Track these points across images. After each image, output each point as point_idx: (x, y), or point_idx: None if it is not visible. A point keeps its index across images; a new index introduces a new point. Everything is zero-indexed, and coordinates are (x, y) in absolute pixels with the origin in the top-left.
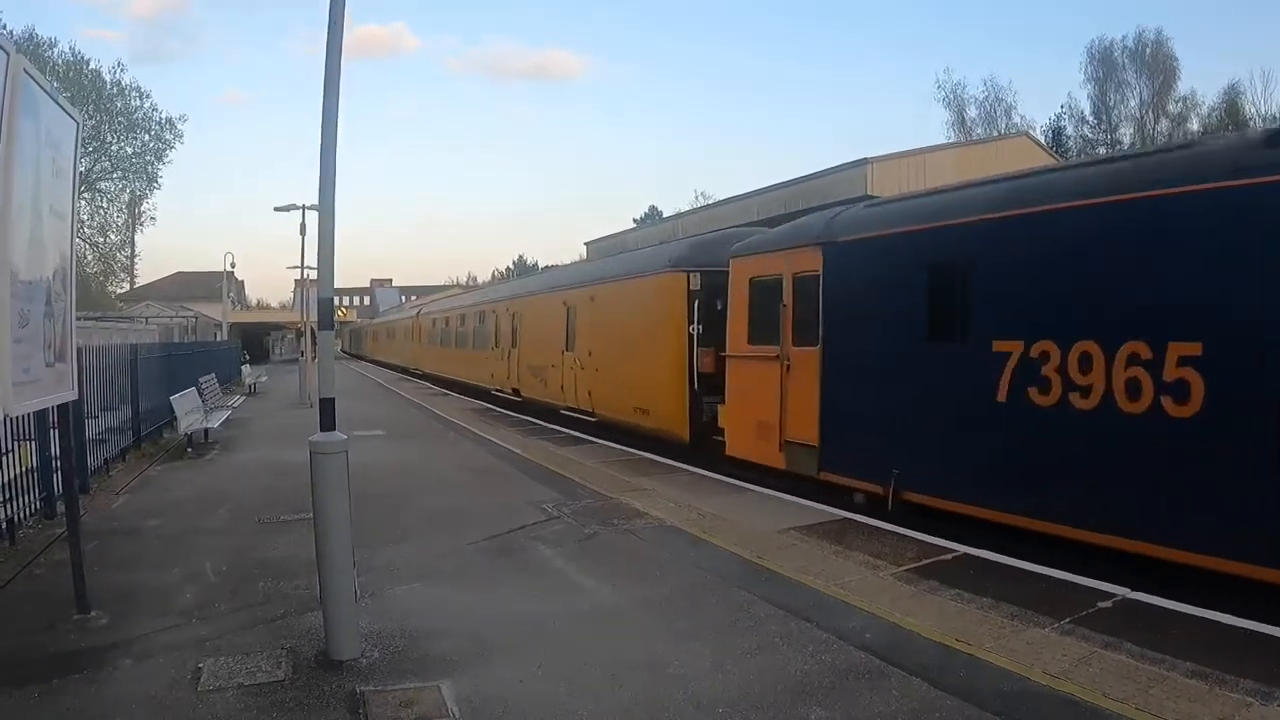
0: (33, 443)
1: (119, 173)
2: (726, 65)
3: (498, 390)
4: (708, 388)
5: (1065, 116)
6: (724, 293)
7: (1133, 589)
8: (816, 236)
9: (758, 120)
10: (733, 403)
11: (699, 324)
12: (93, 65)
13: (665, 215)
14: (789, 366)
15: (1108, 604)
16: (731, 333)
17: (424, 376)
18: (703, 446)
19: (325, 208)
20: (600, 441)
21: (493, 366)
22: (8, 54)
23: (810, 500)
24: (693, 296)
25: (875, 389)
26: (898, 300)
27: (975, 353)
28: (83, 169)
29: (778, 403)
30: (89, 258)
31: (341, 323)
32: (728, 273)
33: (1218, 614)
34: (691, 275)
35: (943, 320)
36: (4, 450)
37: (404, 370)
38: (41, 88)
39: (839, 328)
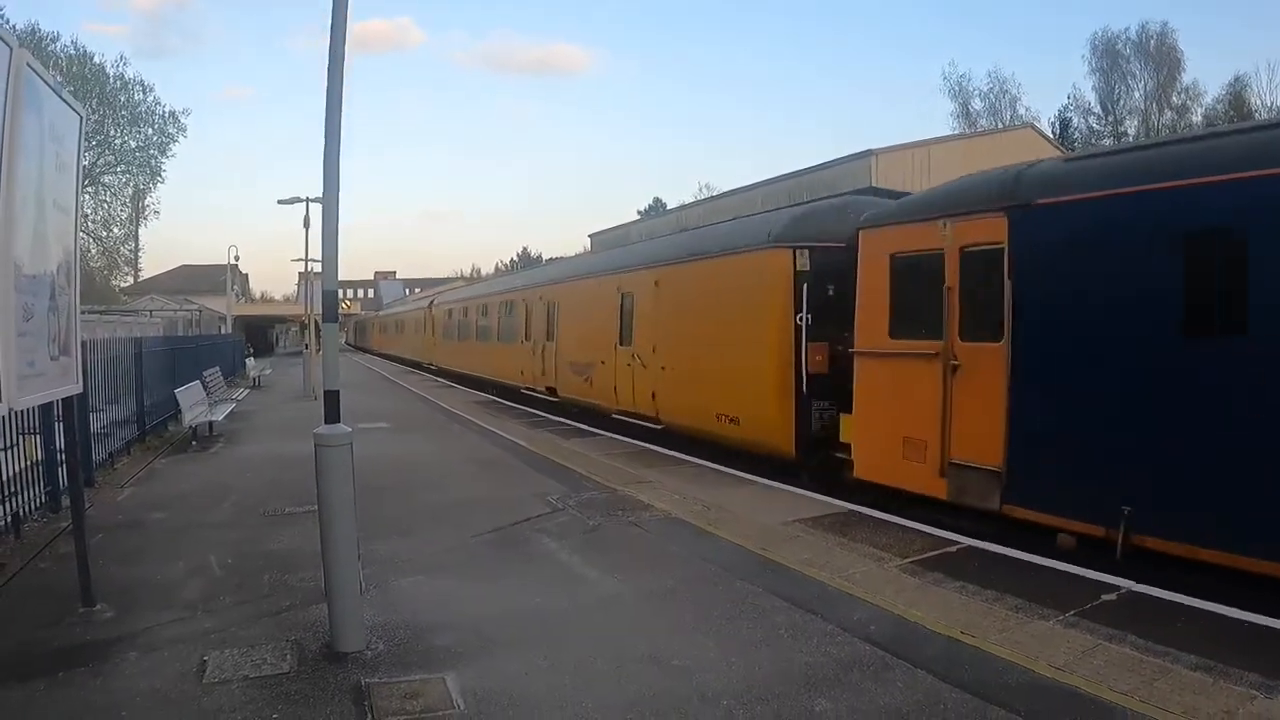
0: (38, 436)
1: (122, 166)
2: (730, 59)
3: (528, 389)
4: (818, 391)
5: (1071, 108)
6: (837, 274)
7: (1137, 582)
8: (998, 200)
9: (761, 113)
10: (865, 411)
11: (807, 312)
12: (96, 60)
13: (669, 207)
14: (956, 367)
15: (1112, 596)
16: (862, 323)
17: (439, 373)
18: (811, 463)
19: (329, 201)
20: (605, 434)
21: (522, 362)
22: (11, 48)
23: (815, 492)
24: (800, 279)
25: (1098, 398)
26: (1136, 282)
27: (1263, 351)
28: (86, 163)
29: (938, 414)
30: (93, 251)
31: (345, 315)
32: (843, 249)
33: (1223, 607)
34: (799, 252)
35: (1210, 307)
36: (9, 444)
37: (415, 365)
38: (45, 82)
39: (1038, 318)
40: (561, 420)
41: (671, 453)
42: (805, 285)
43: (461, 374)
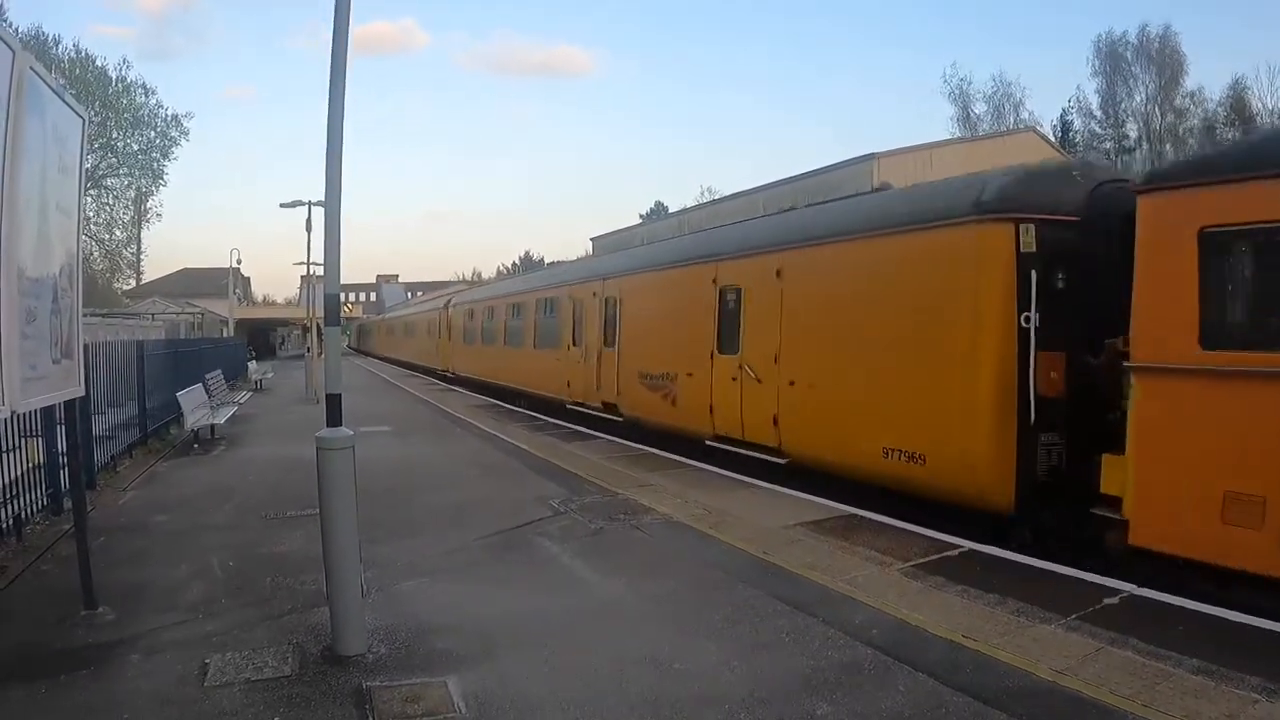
0: (40, 439)
1: (125, 169)
2: (731, 61)
3: (576, 405)
4: (1046, 420)
5: (1072, 111)
6: (1067, 257)
7: (1139, 586)
8: None
9: (763, 115)
10: (1153, 452)
11: (1035, 312)
12: (99, 62)
13: (671, 211)
14: None
15: (1114, 600)
16: (1148, 327)
17: (458, 381)
18: (1037, 520)
19: (331, 204)
20: (607, 437)
21: (568, 372)
22: (14, 51)
23: (817, 496)
24: (1025, 263)
25: None
26: None
27: None
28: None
29: None
30: (95, 254)
31: (347, 318)
32: (1076, 223)
33: (1224, 611)
34: (1023, 227)
35: None
36: (11, 447)
37: (427, 372)
38: (48, 85)
39: None
40: (563, 424)
41: (673, 456)
42: (1034, 273)
43: (486, 384)
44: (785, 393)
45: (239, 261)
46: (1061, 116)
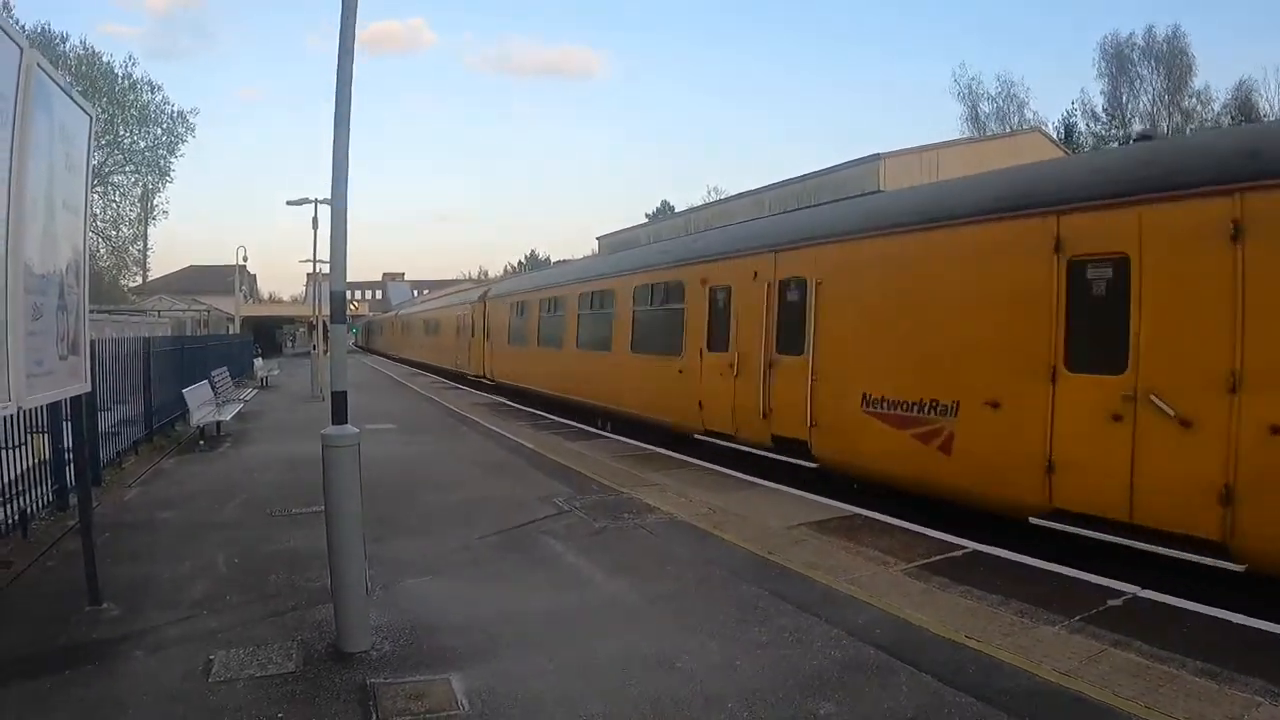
0: (46, 435)
1: (131, 166)
2: (735, 61)
3: (715, 435)
4: None
5: (1077, 112)
6: None
7: (1143, 587)
8: None
9: (768, 115)
10: None
11: None
12: (105, 60)
13: (678, 210)
14: None
15: (1118, 602)
16: None
17: (499, 390)
18: None
19: (338, 202)
20: (611, 436)
21: (700, 388)
22: (21, 49)
23: (821, 496)
24: None
25: None
26: None
27: None
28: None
29: None
30: (101, 251)
31: (354, 316)
32: None
33: (1228, 613)
34: None
35: None
36: (18, 443)
37: (455, 377)
38: (55, 82)
39: None
40: (567, 423)
41: (677, 455)
42: None
43: (544, 396)
44: (1246, 444)
45: (245, 259)
46: (1065, 118)
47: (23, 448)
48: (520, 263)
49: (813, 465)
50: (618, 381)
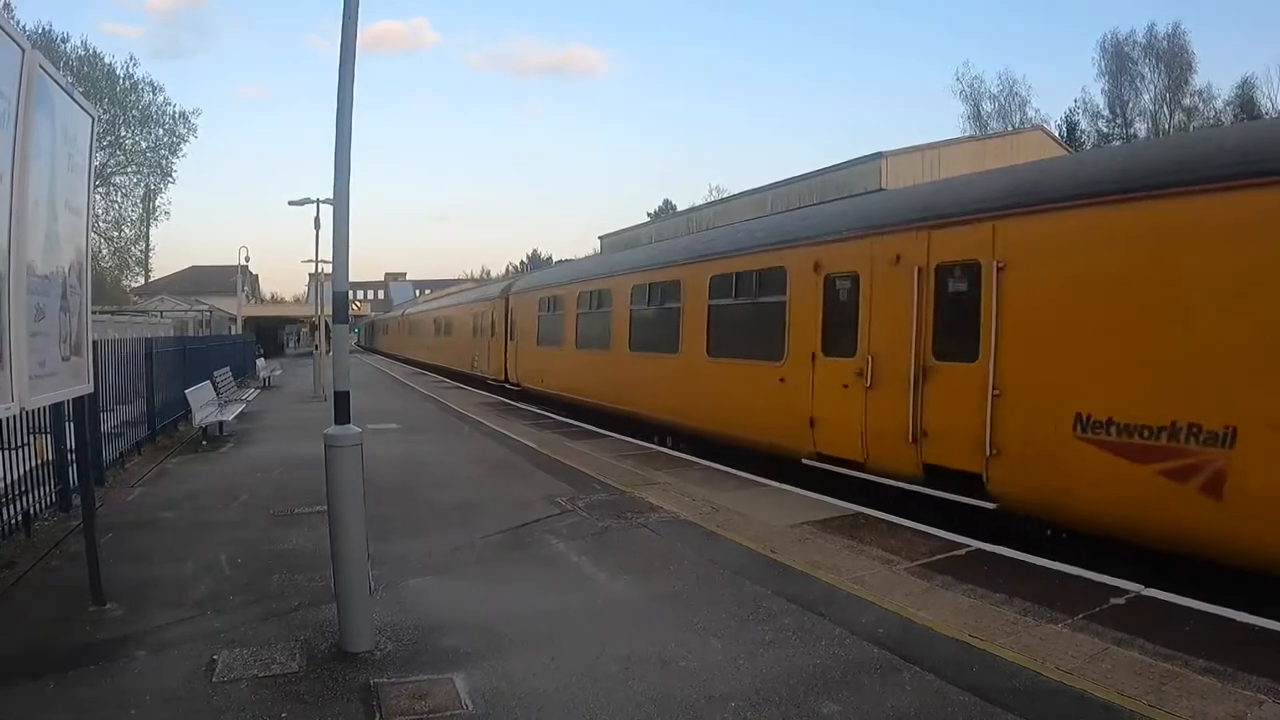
0: (49, 436)
1: (133, 167)
2: (738, 62)
3: (826, 461)
4: None
5: (1079, 111)
6: None
7: (1146, 585)
8: None
9: (769, 117)
10: None
11: None
12: (106, 60)
13: (680, 209)
14: None
15: (1121, 600)
16: None
17: (526, 396)
18: None
19: (340, 202)
20: (614, 435)
21: (799, 397)
22: (23, 50)
23: (824, 495)
24: None
25: None
26: None
27: None
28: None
29: None
30: (104, 252)
31: (356, 316)
32: None
33: (1231, 611)
34: None
35: None
36: (21, 443)
37: (471, 381)
38: (57, 83)
39: None
40: (570, 422)
41: (680, 455)
42: None
43: (578, 403)
44: None
45: (247, 259)
46: (1067, 117)
47: (26, 448)
48: (523, 262)
49: (989, 505)
50: (689, 392)
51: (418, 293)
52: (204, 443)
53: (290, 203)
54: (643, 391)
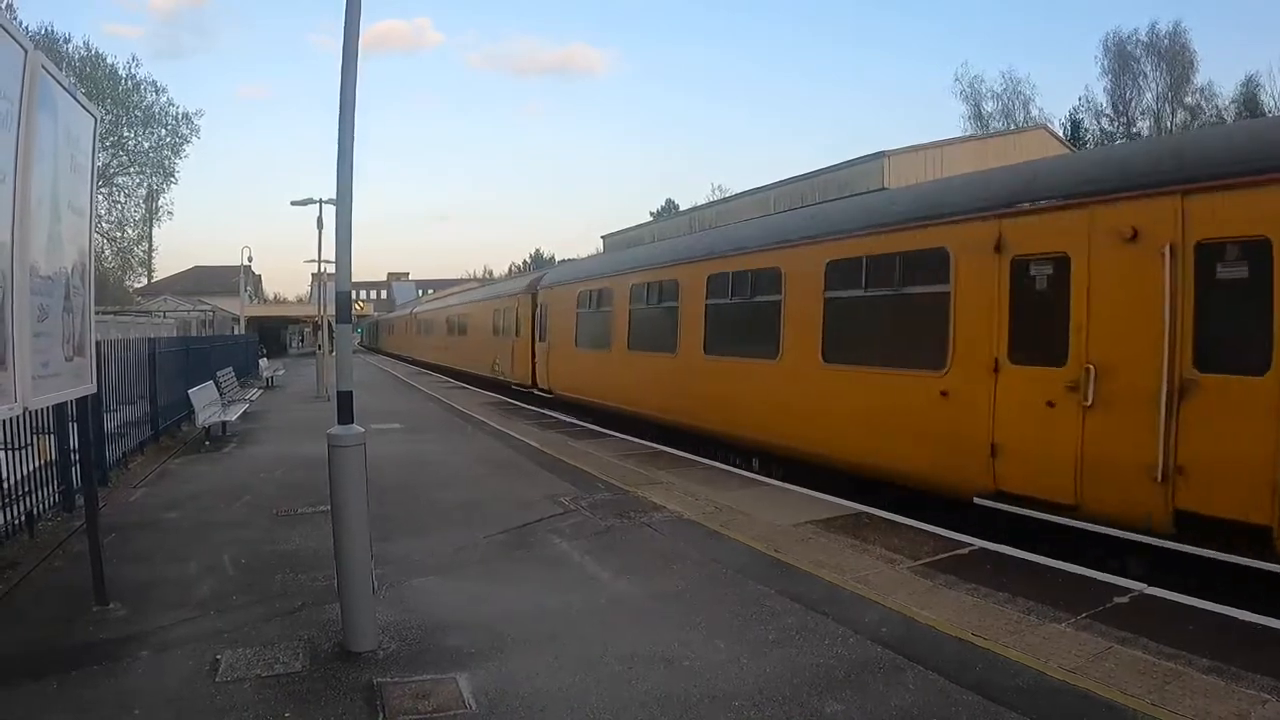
0: (52, 436)
1: (136, 167)
2: (740, 62)
3: (1012, 501)
4: None
5: (1082, 110)
6: None
7: (1149, 584)
8: None
9: (771, 116)
10: None
11: None
12: (109, 61)
13: (681, 209)
14: None
15: (1124, 599)
16: None
17: (559, 404)
18: None
19: (343, 202)
20: (617, 435)
21: (973, 416)
22: (26, 50)
23: (827, 494)
24: None
25: None
26: None
27: None
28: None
29: None
30: (106, 252)
31: (359, 316)
32: None
33: (1235, 610)
34: None
35: None
36: (24, 444)
37: (491, 385)
38: (59, 84)
39: None
40: (573, 422)
41: (683, 454)
42: None
43: (630, 415)
44: None
45: (250, 259)
46: (1071, 115)
47: (29, 449)
48: (525, 262)
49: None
50: (794, 407)
51: (420, 293)
52: (207, 443)
53: (293, 203)
54: (724, 406)
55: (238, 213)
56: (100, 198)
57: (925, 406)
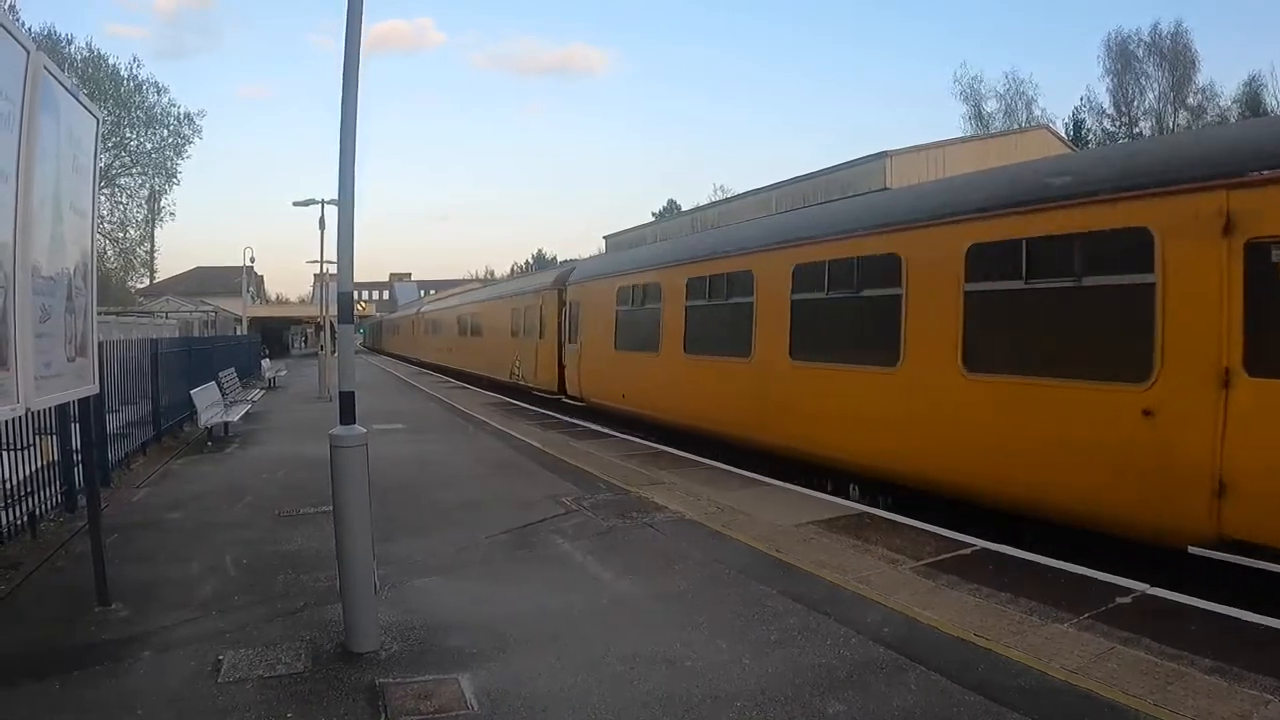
0: (54, 436)
1: (138, 168)
2: (741, 62)
3: (1254, 553)
4: None
5: (1084, 110)
6: None
7: (1152, 585)
8: None
9: (772, 115)
10: None
11: None
12: (111, 61)
13: (684, 209)
14: None
15: (1127, 600)
16: None
17: (592, 412)
18: None
19: (345, 203)
20: (618, 435)
21: (1193, 440)
22: (28, 52)
23: (828, 494)
24: None
25: None
26: None
27: None
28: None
29: None
30: (109, 253)
31: (361, 317)
32: None
33: (1237, 610)
34: None
35: None
36: (26, 444)
37: (510, 390)
38: (62, 85)
39: None
40: (574, 422)
41: (685, 454)
42: None
43: (691, 430)
44: None
45: (252, 260)
46: (1073, 115)
47: (31, 449)
48: (528, 262)
49: None
50: (921, 425)
51: (423, 293)
52: (209, 443)
53: (295, 203)
54: (817, 422)
55: (240, 213)
56: (102, 198)
57: (1120, 429)
